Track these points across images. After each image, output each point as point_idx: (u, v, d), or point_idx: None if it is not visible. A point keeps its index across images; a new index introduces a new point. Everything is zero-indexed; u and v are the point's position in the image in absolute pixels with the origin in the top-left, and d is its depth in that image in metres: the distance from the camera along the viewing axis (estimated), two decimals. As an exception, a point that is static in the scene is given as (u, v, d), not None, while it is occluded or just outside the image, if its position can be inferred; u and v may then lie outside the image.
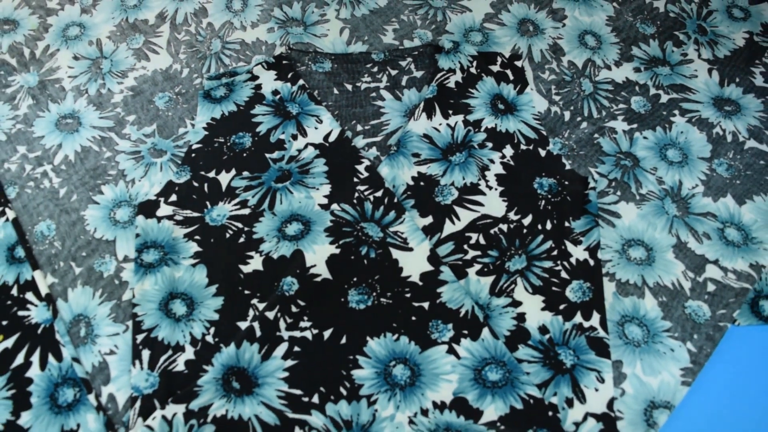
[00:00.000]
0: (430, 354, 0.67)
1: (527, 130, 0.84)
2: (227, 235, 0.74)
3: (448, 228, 0.75)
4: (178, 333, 0.68)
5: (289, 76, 0.87)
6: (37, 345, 0.67)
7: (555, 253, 0.74)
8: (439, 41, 0.92)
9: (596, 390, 0.66)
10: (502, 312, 0.70)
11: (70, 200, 0.77)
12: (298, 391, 0.65)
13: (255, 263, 0.72)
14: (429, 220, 0.76)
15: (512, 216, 0.76)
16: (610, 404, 0.65)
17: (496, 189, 0.78)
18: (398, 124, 0.84)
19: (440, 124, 0.83)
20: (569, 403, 0.65)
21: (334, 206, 0.76)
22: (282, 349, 0.67)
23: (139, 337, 0.67)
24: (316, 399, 0.65)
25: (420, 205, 0.77)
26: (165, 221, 0.75)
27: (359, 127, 0.84)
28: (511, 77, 0.89)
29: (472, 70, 0.88)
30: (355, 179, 0.78)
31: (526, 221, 0.76)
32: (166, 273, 0.71)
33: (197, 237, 0.74)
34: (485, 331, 0.68)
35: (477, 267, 0.73)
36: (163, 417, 0.62)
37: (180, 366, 0.66)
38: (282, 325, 0.68)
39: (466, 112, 0.84)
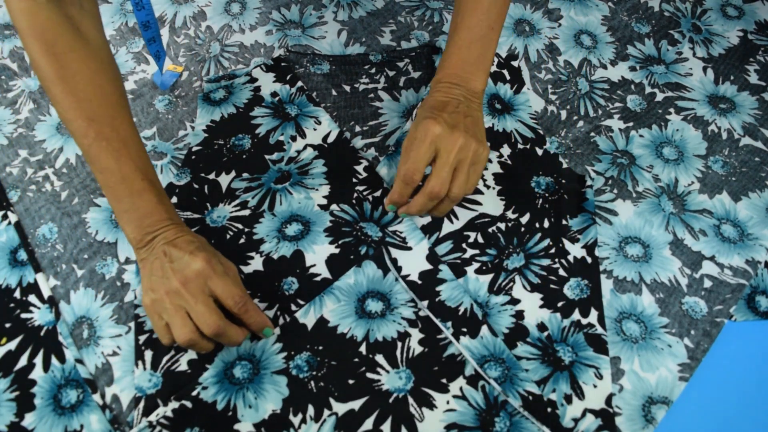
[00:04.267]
0: (429, 352, 0.68)
1: (524, 130, 0.84)
2: (228, 236, 0.75)
3: (447, 227, 0.76)
4: (180, 334, 0.68)
5: (288, 78, 0.88)
6: (41, 347, 0.67)
7: (553, 251, 0.74)
8: (436, 42, 0.93)
9: (594, 386, 0.66)
10: (500, 310, 0.71)
11: (72, 203, 0.78)
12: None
13: (255, 264, 0.73)
14: (427, 219, 0.76)
15: (510, 215, 0.77)
16: (609, 400, 0.66)
17: (493, 188, 0.79)
18: (396, 124, 0.85)
19: (438, 125, 0.84)
20: (568, 399, 0.66)
21: (334, 206, 0.77)
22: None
23: (142, 338, 0.68)
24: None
25: (418, 204, 0.77)
26: (166, 223, 0.75)
27: (357, 128, 0.85)
28: (508, 77, 0.89)
29: (469, 70, 0.89)
30: (354, 179, 0.79)
31: (524, 219, 0.76)
32: (167, 274, 0.72)
33: (198, 238, 0.74)
34: (484, 329, 0.69)
35: (476, 265, 0.73)
36: (165, 414, 0.63)
37: (183, 366, 0.66)
38: (282, 323, 0.69)
39: (464, 112, 0.85)
